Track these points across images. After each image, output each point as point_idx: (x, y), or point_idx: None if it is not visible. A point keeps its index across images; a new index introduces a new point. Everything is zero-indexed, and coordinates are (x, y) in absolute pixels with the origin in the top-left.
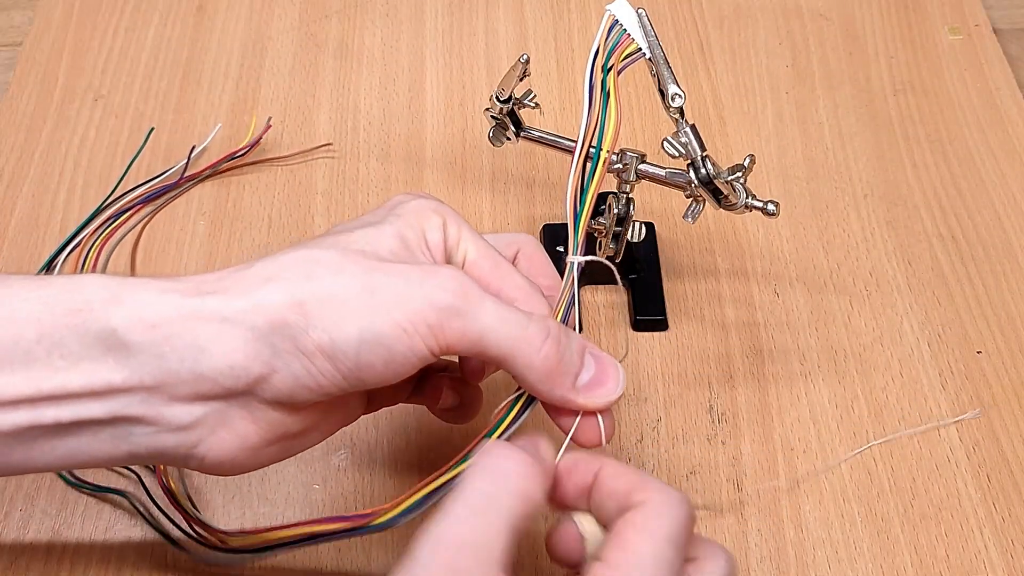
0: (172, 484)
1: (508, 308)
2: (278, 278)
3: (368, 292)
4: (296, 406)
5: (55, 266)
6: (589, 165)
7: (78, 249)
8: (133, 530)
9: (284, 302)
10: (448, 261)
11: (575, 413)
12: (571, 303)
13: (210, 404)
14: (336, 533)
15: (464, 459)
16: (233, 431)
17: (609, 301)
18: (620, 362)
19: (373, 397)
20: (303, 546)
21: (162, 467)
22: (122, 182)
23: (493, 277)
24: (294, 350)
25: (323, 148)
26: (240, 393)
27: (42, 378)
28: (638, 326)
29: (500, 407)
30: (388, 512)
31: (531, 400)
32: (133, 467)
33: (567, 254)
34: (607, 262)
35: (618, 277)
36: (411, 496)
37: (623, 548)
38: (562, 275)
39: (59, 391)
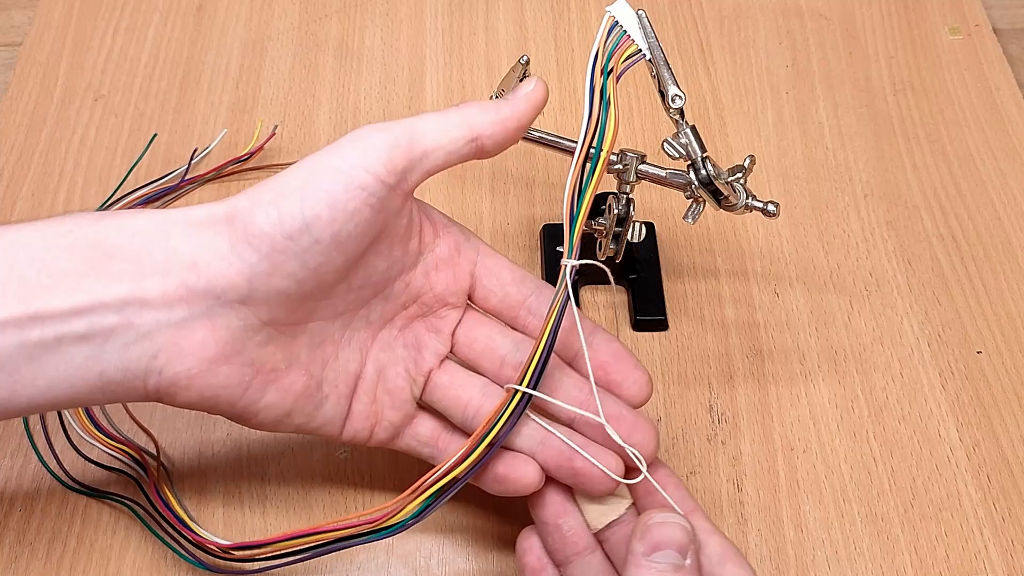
0: (169, 497)
1: (443, 114)
2: (242, 191)
3: (307, 166)
4: (257, 303)
5: None
6: (588, 167)
7: None
8: (132, 532)
9: (237, 197)
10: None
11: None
12: (564, 305)
13: (175, 309)
14: (342, 540)
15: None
16: (192, 340)
17: (609, 301)
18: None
19: (357, 409)
20: (309, 559)
21: (154, 475)
22: (123, 185)
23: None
24: (245, 236)
25: None
26: (202, 293)
27: (31, 297)
28: (638, 326)
29: (492, 411)
30: (396, 516)
31: (525, 401)
32: (132, 472)
33: (576, 257)
34: (601, 265)
35: (611, 279)
36: (416, 498)
37: None
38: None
39: (45, 310)
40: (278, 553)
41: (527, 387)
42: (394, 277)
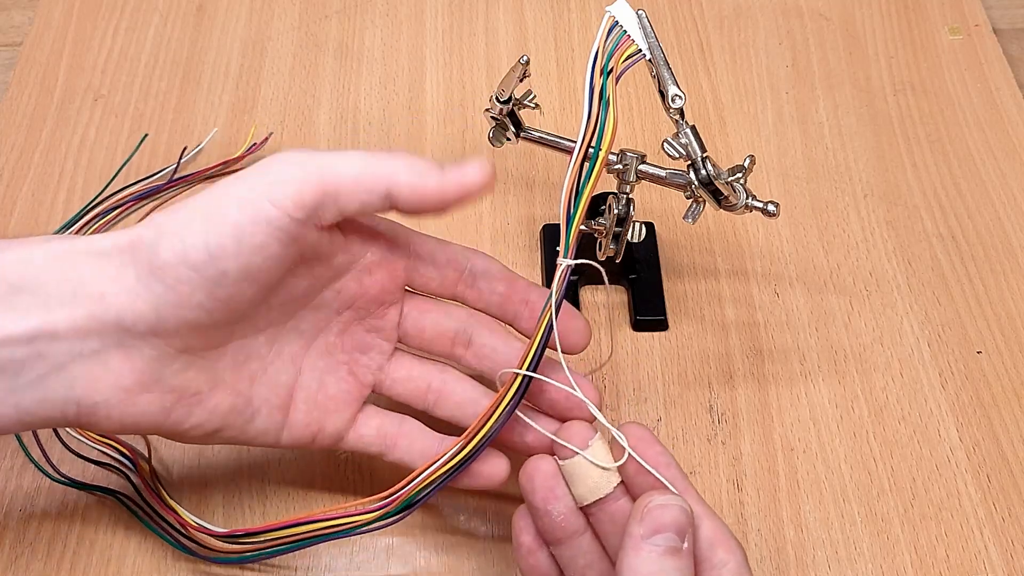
0: (161, 488)
1: (350, 152)
2: (148, 218)
3: (215, 194)
4: (169, 334)
5: None
6: (586, 167)
7: None
8: (132, 532)
9: (143, 226)
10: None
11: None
12: (560, 304)
13: (87, 340)
14: (335, 529)
15: (461, 459)
16: (108, 370)
17: (609, 301)
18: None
19: (296, 419)
20: (301, 548)
21: (147, 467)
22: (115, 183)
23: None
24: (150, 268)
25: None
26: (112, 325)
27: None
28: (638, 326)
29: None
30: (385, 508)
31: (524, 387)
32: (123, 466)
33: (572, 257)
34: (597, 265)
35: (606, 280)
36: (409, 491)
37: None
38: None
39: None
40: (275, 539)
41: (527, 370)
42: (321, 289)
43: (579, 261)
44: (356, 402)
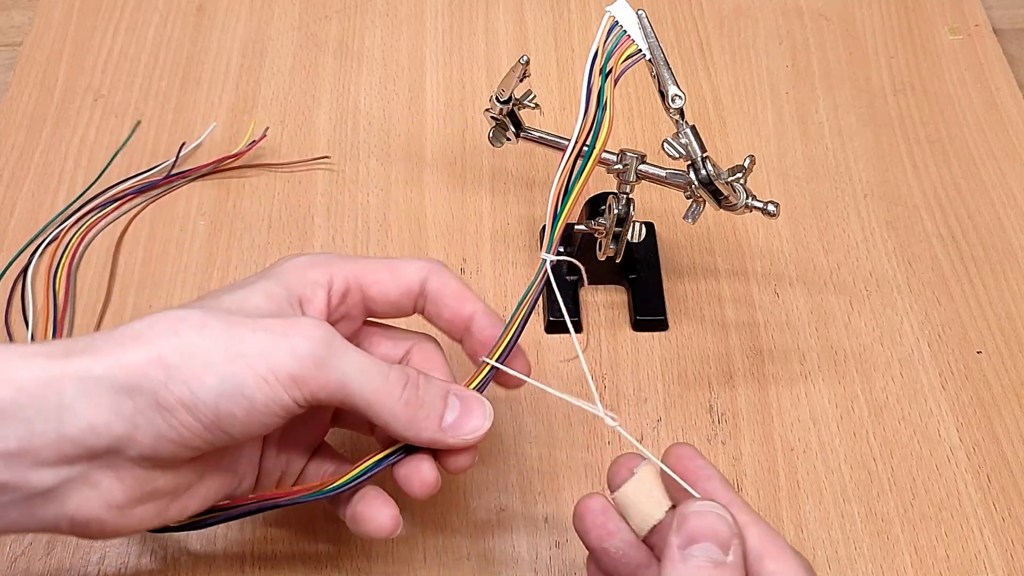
0: None
1: (369, 358)
2: (143, 336)
3: (229, 345)
4: (163, 462)
5: (32, 257)
6: (579, 165)
7: (56, 242)
8: None
9: (146, 359)
10: (335, 309)
11: (462, 451)
12: (535, 302)
13: (75, 466)
14: (284, 499)
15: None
16: (98, 490)
17: (609, 301)
18: (576, 357)
19: (265, 470)
20: (248, 516)
21: None
22: (112, 178)
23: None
24: (155, 405)
25: (321, 160)
26: (103, 452)
27: None
28: (638, 326)
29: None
30: (330, 484)
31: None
32: None
33: (555, 253)
34: (575, 261)
35: (585, 280)
36: (349, 472)
37: None
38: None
39: None
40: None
41: (496, 361)
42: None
43: (561, 258)
44: (317, 441)
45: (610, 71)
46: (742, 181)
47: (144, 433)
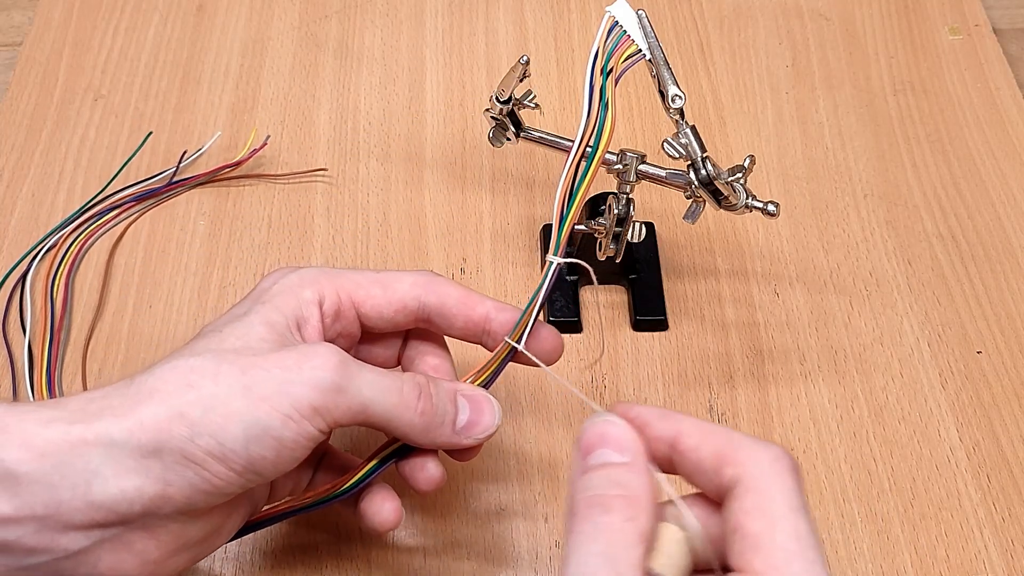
0: None
1: (382, 374)
2: (159, 392)
3: (248, 389)
4: (197, 512)
5: (31, 264)
6: (583, 167)
7: (55, 248)
8: None
9: (167, 416)
10: (330, 327)
11: (468, 449)
12: (543, 302)
13: (108, 529)
14: (297, 508)
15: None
16: (132, 551)
17: (609, 301)
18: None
19: (276, 487)
20: (265, 526)
21: None
22: (115, 183)
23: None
24: (184, 461)
25: (318, 172)
26: (138, 516)
27: None
28: (638, 326)
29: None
30: (340, 487)
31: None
32: None
33: (562, 255)
34: (583, 264)
35: (595, 279)
36: (357, 473)
37: (759, 548)
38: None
39: None
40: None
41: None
42: None
43: (569, 260)
44: (323, 448)
45: (611, 71)
46: (742, 181)
47: (178, 489)
